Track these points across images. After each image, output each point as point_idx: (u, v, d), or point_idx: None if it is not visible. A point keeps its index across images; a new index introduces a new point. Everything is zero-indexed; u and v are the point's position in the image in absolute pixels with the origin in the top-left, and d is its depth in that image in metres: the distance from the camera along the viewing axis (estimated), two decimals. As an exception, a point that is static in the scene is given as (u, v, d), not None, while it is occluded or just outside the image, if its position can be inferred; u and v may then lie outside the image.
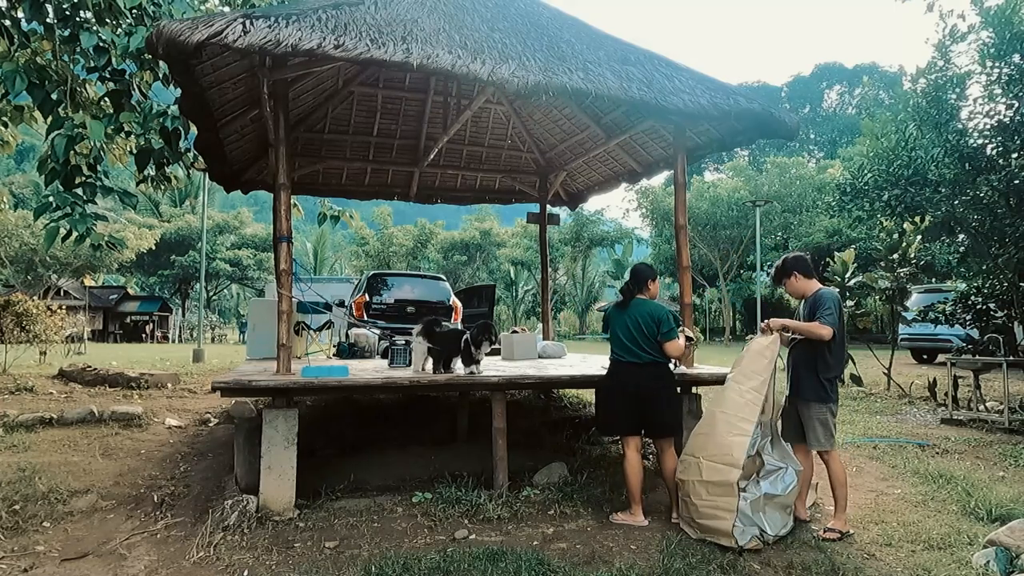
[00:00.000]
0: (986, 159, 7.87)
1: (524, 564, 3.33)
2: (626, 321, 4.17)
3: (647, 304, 4.20)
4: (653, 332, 4.08)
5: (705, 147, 6.94)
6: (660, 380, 4.16)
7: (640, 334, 4.10)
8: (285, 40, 4.01)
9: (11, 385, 8.54)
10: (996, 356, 7.68)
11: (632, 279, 4.31)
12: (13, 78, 5.48)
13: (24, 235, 27.10)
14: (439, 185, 9.85)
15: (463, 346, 4.86)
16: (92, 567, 3.56)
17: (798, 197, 30.84)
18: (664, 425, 4.17)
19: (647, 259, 42.55)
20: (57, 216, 5.65)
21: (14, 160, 52.27)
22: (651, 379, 4.12)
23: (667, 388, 4.23)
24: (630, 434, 4.21)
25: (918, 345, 15.01)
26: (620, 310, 4.25)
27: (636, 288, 4.26)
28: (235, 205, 49.13)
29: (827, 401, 3.99)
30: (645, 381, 4.11)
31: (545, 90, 4.60)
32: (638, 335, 4.10)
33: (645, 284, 4.26)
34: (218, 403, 7.96)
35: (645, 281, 4.27)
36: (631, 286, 4.28)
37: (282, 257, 4.77)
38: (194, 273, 37.76)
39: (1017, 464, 5.59)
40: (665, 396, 4.18)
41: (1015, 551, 3.40)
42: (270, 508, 4.08)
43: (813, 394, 4.01)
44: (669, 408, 4.18)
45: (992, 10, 7.56)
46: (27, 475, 4.94)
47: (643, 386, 4.11)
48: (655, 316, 4.10)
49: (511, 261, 43.90)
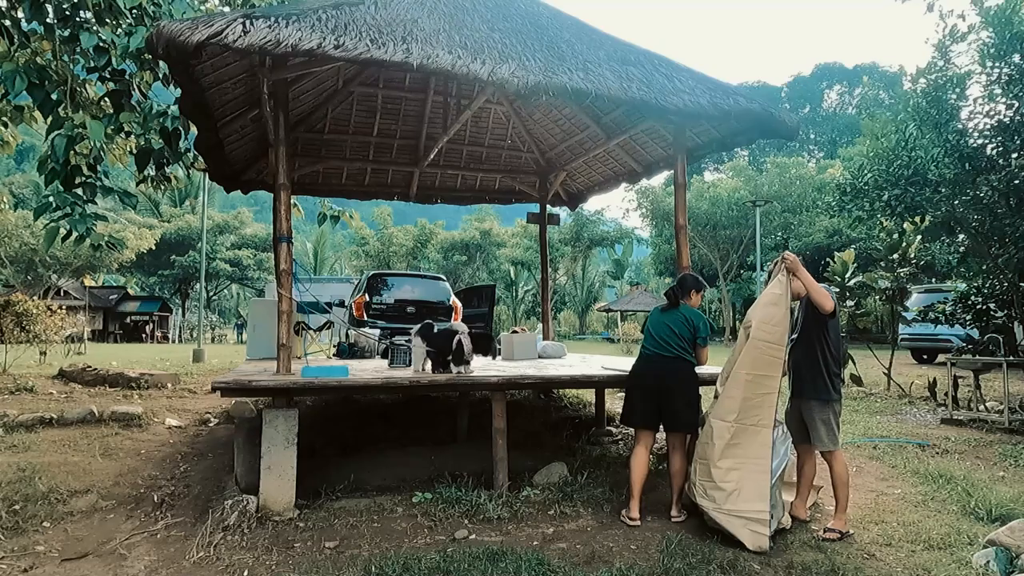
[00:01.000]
0: (986, 159, 7.87)
1: (524, 564, 3.32)
2: (664, 321, 4.31)
3: (688, 309, 4.35)
4: (689, 335, 4.24)
5: (705, 147, 6.94)
6: (683, 374, 4.25)
7: (675, 334, 4.24)
8: (285, 40, 4.01)
9: (11, 385, 8.54)
10: (996, 356, 7.68)
11: (679, 286, 4.47)
12: (13, 78, 5.48)
13: (24, 235, 27.11)
14: (439, 185, 9.85)
15: (455, 346, 4.87)
16: (92, 567, 3.56)
17: (798, 197, 30.84)
18: (677, 419, 4.20)
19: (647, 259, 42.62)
20: (57, 216, 5.66)
21: (14, 160, 52.24)
22: (674, 372, 4.22)
23: (688, 384, 4.27)
24: (644, 427, 4.29)
25: (918, 345, 15.01)
26: (661, 312, 4.40)
27: (682, 294, 4.40)
28: (235, 205, 49.10)
29: (829, 400, 3.99)
30: (668, 373, 4.21)
31: (545, 90, 4.60)
32: (674, 334, 4.24)
33: (689, 293, 4.41)
34: (218, 403, 7.96)
35: (690, 291, 4.42)
36: (677, 292, 4.41)
37: (282, 257, 4.77)
38: (194, 273, 37.76)
39: (1017, 464, 5.59)
40: (685, 391, 4.24)
41: (1015, 551, 3.40)
42: (270, 508, 4.08)
43: (815, 393, 4.02)
44: (687, 406, 4.22)
45: (992, 10, 7.56)
46: (27, 475, 4.94)
47: (666, 377, 4.20)
48: (694, 321, 4.28)
49: (511, 261, 43.91)
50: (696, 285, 4.48)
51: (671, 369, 4.21)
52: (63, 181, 5.78)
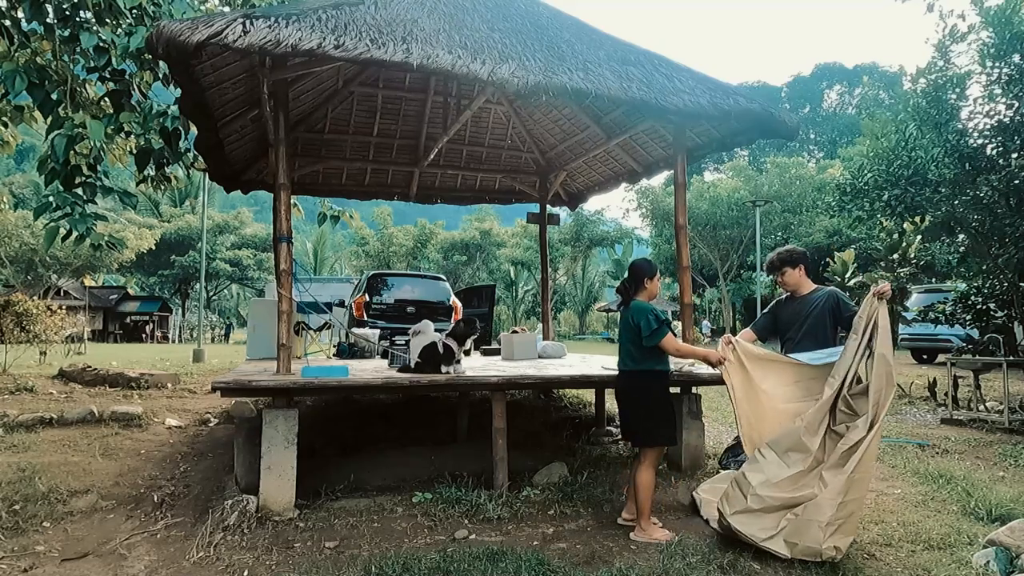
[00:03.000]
0: (986, 159, 7.87)
1: (524, 564, 3.32)
2: (623, 324, 4.00)
3: (634, 305, 3.90)
4: (636, 337, 3.82)
5: (705, 147, 6.94)
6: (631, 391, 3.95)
7: (627, 339, 3.93)
8: (285, 40, 4.01)
9: (11, 385, 8.54)
10: (996, 356, 7.68)
11: (630, 276, 4.01)
12: (13, 78, 5.48)
13: (24, 235, 27.11)
14: (439, 185, 9.85)
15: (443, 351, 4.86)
16: (92, 567, 3.56)
17: (798, 197, 30.84)
18: (631, 433, 4.02)
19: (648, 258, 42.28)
20: (57, 216, 5.65)
21: (14, 160, 52.24)
22: (623, 389, 4.04)
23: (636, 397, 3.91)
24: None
25: (918, 345, 14.99)
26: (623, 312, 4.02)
27: (633, 287, 3.95)
28: (235, 205, 49.08)
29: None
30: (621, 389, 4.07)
31: (545, 90, 4.60)
32: (627, 340, 3.93)
33: (642, 282, 3.93)
34: (218, 403, 7.96)
35: (642, 279, 3.93)
36: (628, 284, 3.98)
37: (282, 257, 4.77)
38: (194, 273, 37.74)
39: (1017, 464, 5.59)
40: (633, 405, 3.92)
41: (1015, 551, 3.40)
42: (270, 508, 4.08)
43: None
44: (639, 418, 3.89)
45: (992, 10, 7.55)
46: (27, 475, 4.94)
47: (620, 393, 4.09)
48: (636, 319, 3.82)
49: (511, 261, 43.89)
50: (647, 271, 3.95)
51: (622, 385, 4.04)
52: (63, 181, 5.77)
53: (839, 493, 3.34)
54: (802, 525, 3.37)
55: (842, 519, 3.34)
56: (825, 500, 3.35)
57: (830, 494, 3.35)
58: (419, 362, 4.94)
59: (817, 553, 3.32)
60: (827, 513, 3.32)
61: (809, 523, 3.35)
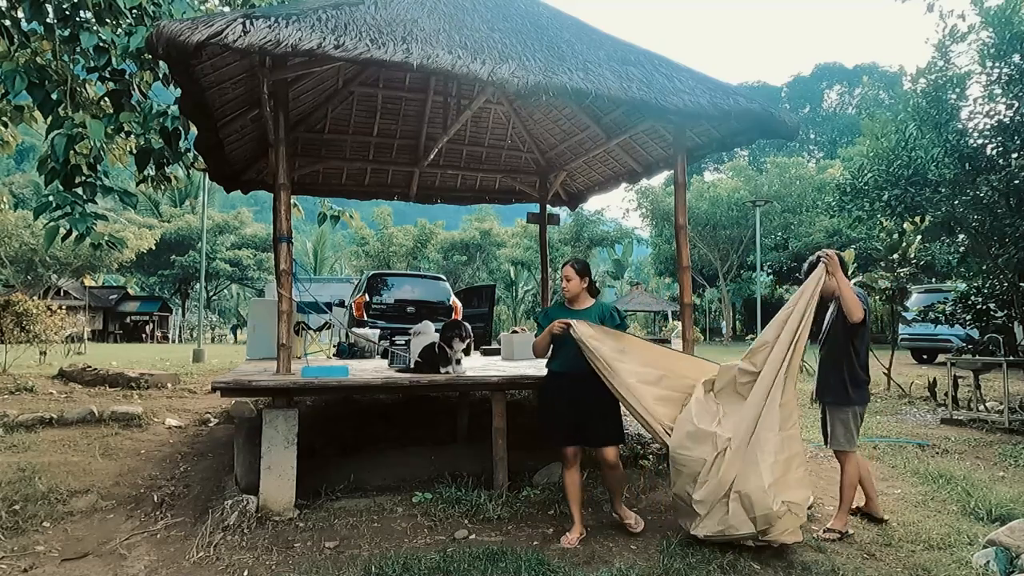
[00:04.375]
0: (986, 159, 7.87)
1: (524, 564, 3.33)
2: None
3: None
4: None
5: (705, 147, 6.94)
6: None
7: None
8: (285, 40, 4.01)
9: (11, 385, 8.54)
10: (996, 356, 7.68)
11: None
12: (13, 78, 5.48)
13: (24, 235, 27.14)
14: (439, 185, 9.84)
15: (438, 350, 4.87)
16: (92, 567, 3.56)
17: (798, 197, 30.88)
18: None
19: (647, 259, 42.49)
20: (57, 216, 5.65)
21: (14, 160, 52.23)
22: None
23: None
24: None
25: (918, 345, 15.01)
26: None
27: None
28: (235, 205, 49.09)
29: (849, 404, 3.96)
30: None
31: (545, 90, 4.60)
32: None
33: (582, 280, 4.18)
34: (218, 403, 7.96)
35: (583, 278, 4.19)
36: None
37: (282, 257, 4.77)
38: (194, 273, 37.76)
39: (1017, 464, 5.59)
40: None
41: (1015, 551, 3.40)
42: (270, 508, 4.08)
43: (833, 396, 4.03)
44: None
45: (992, 10, 7.56)
46: (27, 475, 4.94)
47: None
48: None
49: (511, 261, 43.87)
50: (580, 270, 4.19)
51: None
52: (63, 181, 5.77)
53: (773, 453, 3.44)
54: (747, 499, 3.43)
55: (780, 475, 3.43)
56: (762, 463, 3.43)
57: (764, 456, 3.44)
58: (419, 361, 4.94)
59: (775, 516, 3.37)
60: (765, 477, 3.39)
61: (751, 493, 3.41)
